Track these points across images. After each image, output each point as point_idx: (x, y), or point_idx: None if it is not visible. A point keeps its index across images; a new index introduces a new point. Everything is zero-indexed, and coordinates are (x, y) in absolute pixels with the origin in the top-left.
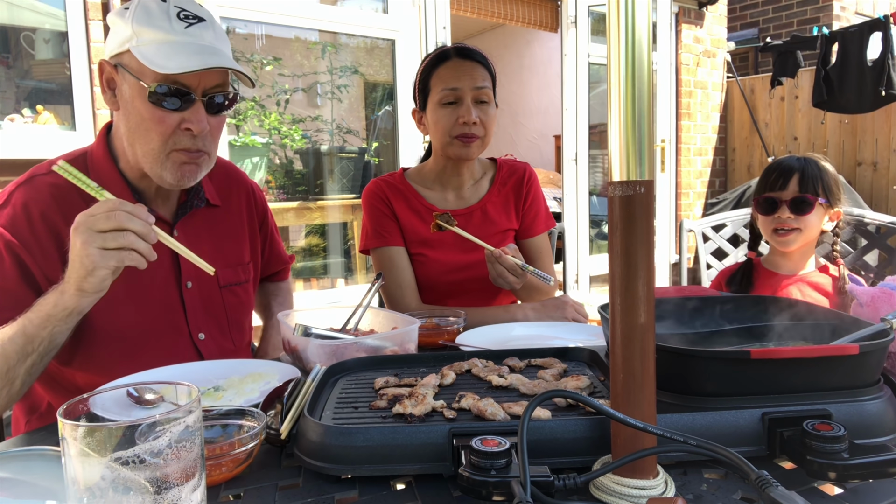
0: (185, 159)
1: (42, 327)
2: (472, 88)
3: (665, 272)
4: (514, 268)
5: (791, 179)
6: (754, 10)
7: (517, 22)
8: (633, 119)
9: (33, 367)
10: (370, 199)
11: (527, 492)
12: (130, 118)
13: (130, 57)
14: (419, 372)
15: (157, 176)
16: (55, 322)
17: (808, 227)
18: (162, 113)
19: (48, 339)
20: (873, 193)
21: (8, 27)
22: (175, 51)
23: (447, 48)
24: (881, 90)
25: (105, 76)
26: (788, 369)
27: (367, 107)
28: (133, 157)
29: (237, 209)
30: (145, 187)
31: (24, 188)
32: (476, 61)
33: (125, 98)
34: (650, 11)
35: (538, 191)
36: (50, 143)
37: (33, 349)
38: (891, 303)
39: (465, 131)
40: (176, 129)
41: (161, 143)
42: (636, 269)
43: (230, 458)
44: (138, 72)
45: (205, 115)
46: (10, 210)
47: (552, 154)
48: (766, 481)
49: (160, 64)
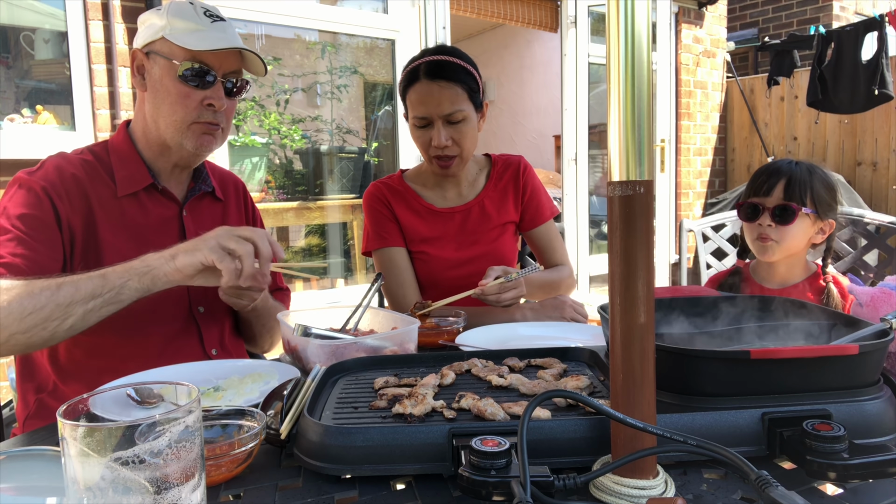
0: (204, 130)
1: (119, 276)
2: (441, 115)
3: (665, 272)
4: (502, 287)
5: (777, 185)
6: (754, 10)
7: (517, 22)
8: (632, 119)
9: (90, 313)
10: (370, 202)
11: (527, 492)
12: (158, 95)
13: (163, 43)
14: (419, 372)
15: (178, 144)
16: (132, 275)
17: (788, 239)
18: (188, 90)
19: (117, 290)
20: (873, 193)
21: (8, 27)
22: (203, 36)
23: (419, 64)
24: (874, 90)
25: (136, 63)
26: (788, 369)
27: (367, 107)
28: (155, 132)
29: (235, 205)
30: (161, 167)
31: (57, 157)
32: (447, 80)
33: (154, 79)
34: (650, 11)
35: (536, 181)
36: (49, 143)
37: (101, 293)
38: (890, 303)
39: (439, 153)
40: (198, 105)
41: (184, 115)
42: (636, 269)
43: (230, 458)
44: (169, 54)
45: (224, 94)
46: (44, 171)
47: (552, 154)
48: (766, 481)
49: (192, 44)
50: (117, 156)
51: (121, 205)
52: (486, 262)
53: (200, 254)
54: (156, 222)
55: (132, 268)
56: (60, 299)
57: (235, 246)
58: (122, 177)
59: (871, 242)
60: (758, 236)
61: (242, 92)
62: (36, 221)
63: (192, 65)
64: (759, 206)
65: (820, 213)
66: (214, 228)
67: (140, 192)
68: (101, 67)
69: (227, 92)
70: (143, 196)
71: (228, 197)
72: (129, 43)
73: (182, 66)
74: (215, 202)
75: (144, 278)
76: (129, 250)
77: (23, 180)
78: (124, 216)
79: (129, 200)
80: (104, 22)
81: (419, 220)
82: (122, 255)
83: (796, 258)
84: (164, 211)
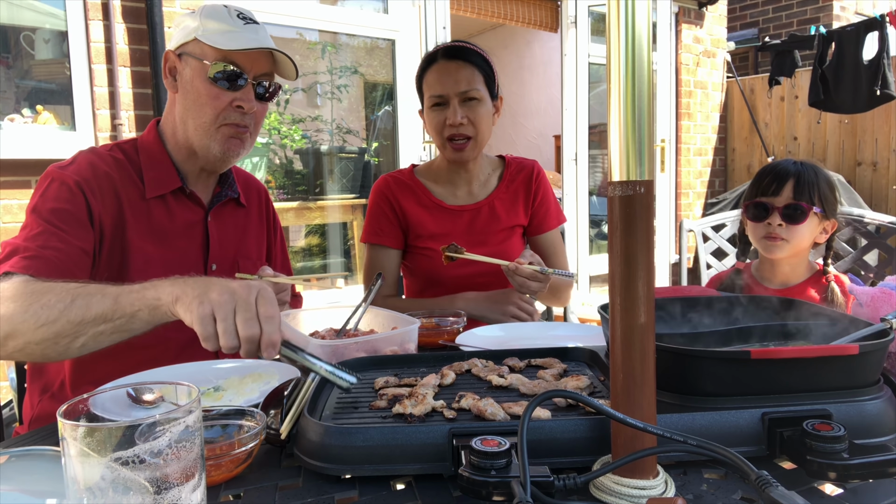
0: (232, 133)
1: (132, 304)
2: (457, 93)
3: (665, 272)
4: (534, 275)
5: (786, 185)
6: (754, 10)
7: (517, 22)
8: (633, 119)
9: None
10: (375, 196)
11: (527, 492)
12: (188, 96)
13: (195, 44)
14: (419, 372)
15: (205, 147)
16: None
17: (798, 237)
18: (218, 91)
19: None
20: (873, 193)
21: (8, 27)
22: (235, 36)
23: (437, 49)
24: (876, 90)
25: (168, 64)
26: (788, 369)
27: (367, 107)
28: (184, 134)
29: (256, 212)
30: (189, 170)
31: (89, 153)
32: (464, 61)
33: (185, 80)
34: (650, 11)
35: (547, 187)
36: (50, 143)
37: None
38: (891, 303)
39: (454, 132)
40: (228, 107)
41: (213, 117)
42: (636, 269)
43: (230, 458)
44: (201, 55)
45: (254, 97)
46: (77, 166)
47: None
48: (766, 481)
49: (223, 43)
50: (147, 156)
51: (148, 206)
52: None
53: (192, 316)
54: (181, 226)
55: (144, 298)
56: (72, 316)
57: (242, 329)
58: (151, 178)
59: (871, 242)
60: (765, 235)
61: (274, 96)
62: (69, 216)
63: (224, 66)
64: (769, 205)
65: (827, 212)
66: (239, 283)
67: (167, 195)
68: (102, 67)
69: (257, 96)
70: (170, 199)
71: (251, 203)
72: (129, 43)
73: (213, 68)
74: (238, 208)
75: (155, 312)
76: (154, 253)
77: (55, 174)
78: (151, 218)
79: (157, 202)
80: (104, 22)
81: (427, 215)
82: (146, 258)
83: (799, 258)
84: (190, 216)
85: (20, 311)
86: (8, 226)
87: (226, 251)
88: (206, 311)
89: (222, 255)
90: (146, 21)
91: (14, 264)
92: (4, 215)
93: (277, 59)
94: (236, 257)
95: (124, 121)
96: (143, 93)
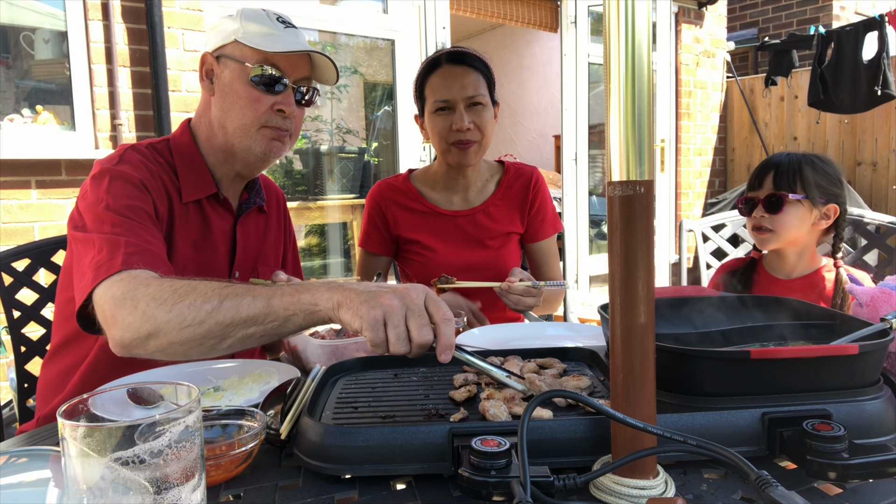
0: (273, 135)
1: (285, 307)
2: (464, 98)
3: (665, 272)
4: (527, 291)
5: (767, 176)
6: (754, 10)
7: (517, 22)
8: (632, 119)
9: (249, 339)
10: (369, 202)
11: (527, 492)
12: (227, 99)
13: (235, 46)
14: (419, 372)
15: (245, 148)
16: (298, 310)
17: (783, 227)
18: (258, 94)
19: (280, 322)
20: (873, 193)
21: (8, 27)
22: (277, 39)
23: (440, 53)
24: (876, 90)
25: (205, 67)
26: (788, 369)
27: (367, 107)
28: (222, 137)
29: (275, 218)
30: (223, 175)
31: (132, 151)
32: (468, 66)
33: (224, 83)
34: (650, 11)
35: (546, 195)
36: (49, 143)
37: (262, 321)
38: (891, 303)
39: (460, 138)
40: (268, 110)
41: (254, 119)
42: (636, 269)
43: (230, 458)
44: (241, 57)
45: (294, 101)
46: (132, 165)
47: (552, 154)
48: (766, 481)
49: (265, 46)
50: (182, 159)
51: (186, 209)
52: (486, 271)
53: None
54: (215, 232)
55: (300, 302)
56: (221, 317)
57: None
58: (187, 181)
59: (871, 242)
60: (753, 227)
61: (312, 103)
62: (143, 213)
63: (264, 69)
64: (754, 199)
65: (812, 198)
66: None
67: (203, 200)
68: (101, 67)
69: (296, 101)
70: (205, 204)
71: (271, 209)
72: (128, 43)
73: (254, 70)
74: (260, 214)
75: (311, 317)
76: (192, 257)
77: (113, 171)
78: (188, 221)
79: (193, 206)
80: (104, 22)
81: (421, 221)
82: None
83: (804, 248)
84: (221, 222)
85: (163, 310)
86: (8, 226)
87: (248, 258)
88: (377, 317)
89: (245, 262)
90: (146, 21)
91: (127, 260)
92: (4, 215)
93: (316, 64)
94: (256, 264)
95: (124, 121)
96: (143, 93)
